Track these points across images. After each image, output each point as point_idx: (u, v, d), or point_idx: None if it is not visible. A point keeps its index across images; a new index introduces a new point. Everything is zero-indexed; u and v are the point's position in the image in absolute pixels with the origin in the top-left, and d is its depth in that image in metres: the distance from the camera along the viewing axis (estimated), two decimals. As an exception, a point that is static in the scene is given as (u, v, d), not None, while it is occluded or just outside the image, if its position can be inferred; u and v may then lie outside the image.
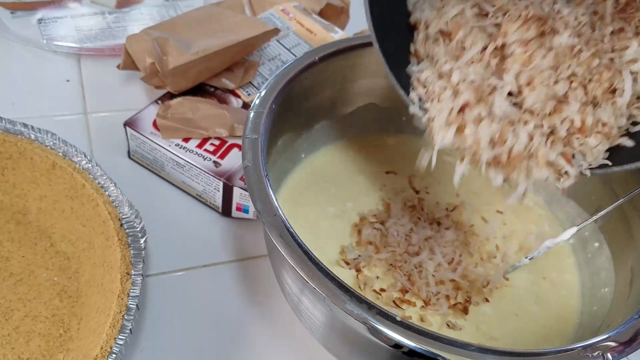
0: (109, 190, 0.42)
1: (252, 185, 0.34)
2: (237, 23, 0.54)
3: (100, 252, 0.41)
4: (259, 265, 0.47)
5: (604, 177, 0.44)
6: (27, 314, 0.39)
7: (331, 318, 0.34)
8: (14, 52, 0.59)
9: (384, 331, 0.29)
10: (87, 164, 0.43)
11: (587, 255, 0.45)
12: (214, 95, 0.53)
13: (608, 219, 0.43)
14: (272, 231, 0.32)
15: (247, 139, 0.37)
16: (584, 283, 0.45)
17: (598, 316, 0.40)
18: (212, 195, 0.48)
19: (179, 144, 0.48)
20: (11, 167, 0.44)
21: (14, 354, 0.37)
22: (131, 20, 0.63)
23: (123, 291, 0.37)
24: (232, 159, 0.48)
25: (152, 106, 0.51)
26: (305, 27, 0.60)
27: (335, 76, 0.46)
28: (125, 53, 0.51)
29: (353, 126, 0.50)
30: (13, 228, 0.43)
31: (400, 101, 0.50)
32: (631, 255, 0.40)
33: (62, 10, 0.62)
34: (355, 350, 0.35)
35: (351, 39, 0.46)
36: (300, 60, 0.43)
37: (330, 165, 0.49)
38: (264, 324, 0.44)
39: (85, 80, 0.58)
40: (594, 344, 0.31)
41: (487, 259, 0.45)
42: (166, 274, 0.45)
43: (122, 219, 0.41)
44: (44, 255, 0.42)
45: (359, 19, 0.69)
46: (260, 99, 0.39)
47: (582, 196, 0.46)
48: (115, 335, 0.35)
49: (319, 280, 0.30)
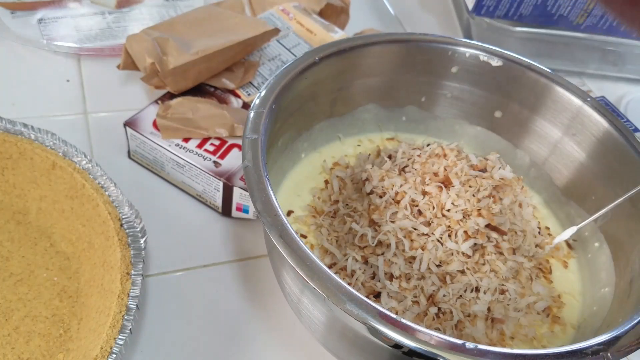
0: (109, 190, 0.42)
1: (252, 185, 0.34)
2: (237, 23, 0.54)
3: (100, 252, 0.41)
4: (259, 265, 0.47)
5: (603, 177, 0.45)
6: (27, 314, 0.39)
7: (331, 318, 0.34)
8: (14, 52, 0.59)
9: (384, 331, 0.29)
10: (87, 164, 0.43)
11: (587, 255, 0.45)
12: (214, 95, 0.53)
13: (608, 219, 0.43)
14: (272, 231, 0.32)
15: (247, 139, 0.37)
16: (584, 283, 0.44)
17: (598, 316, 0.40)
18: (212, 195, 0.48)
19: (179, 144, 0.48)
20: (11, 167, 0.44)
21: (14, 354, 0.37)
22: (131, 20, 0.63)
23: (123, 291, 0.37)
24: (232, 159, 0.48)
25: (152, 106, 0.51)
26: (305, 27, 0.60)
27: (335, 76, 0.46)
28: (125, 53, 0.51)
29: (353, 126, 0.51)
30: (13, 228, 0.43)
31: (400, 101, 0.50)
32: (631, 255, 0.40)
33: (62, 10, 0.62)
34: (355, 350, 0.35)
35: (351, 39, 0.46)
36: (300, 60, 0.43)
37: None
38: (264, 324, 0.44)
39: (85, 80, 0.58)
40: (594, 344, 0.31)
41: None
42: (166, 274, 0.45)
43: (122, 219, 0.41)
44: (44, 255, 0.42)
45: (359, 19, 0.70)
46: (260, 99, 0.39)
47: (582, 196, 0.46)
48: (115, 335, 0.35)
49: (319, 280, 0.30)
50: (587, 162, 0.46)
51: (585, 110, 0.45)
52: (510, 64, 0.47)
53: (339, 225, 0.43)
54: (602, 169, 0.45)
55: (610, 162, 0.44)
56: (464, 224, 0.40)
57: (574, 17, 0.65)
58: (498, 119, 0.50)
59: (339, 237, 0.42)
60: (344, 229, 0.42)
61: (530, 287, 0.41)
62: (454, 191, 0.41)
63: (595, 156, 0.45)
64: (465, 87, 0.49)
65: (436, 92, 0.50)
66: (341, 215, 0.43)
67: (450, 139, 0.51)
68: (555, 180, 0.48)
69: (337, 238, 0.42)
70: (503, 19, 0.66)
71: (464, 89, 0.49)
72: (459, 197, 0.41)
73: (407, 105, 0.51)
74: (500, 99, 0.49)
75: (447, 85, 0.49)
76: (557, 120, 0.47)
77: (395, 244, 0.39)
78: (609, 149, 0.44)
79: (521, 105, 0.48)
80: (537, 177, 0.50)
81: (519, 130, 0.49)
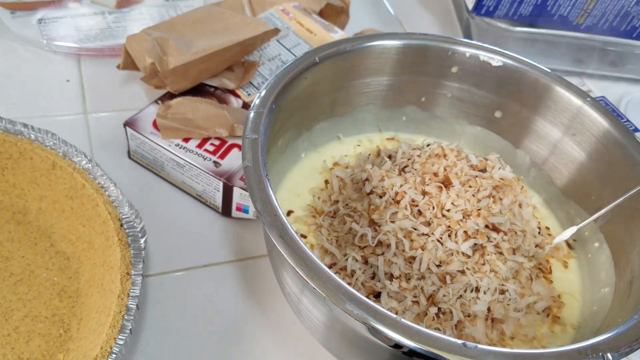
0: (109, 190, 0.42)
1: (252, 185, 0.34)
2: (237, 23, 0.54)
3: (100, 252, 0.41)
4: (259, 265, 0.47)
5: (603, 177, 0.45)
6: (27, 314, 0.39)
7: (331, 318, 0.34)
8: (14, 52, 0.59)
9: (384, 331, 0.29)
10: (87, 164, 0.43)
11: (587, 255, 0.45)
12: (214, 95, 0.53)
13: (608, 219, 0.43)
14: (272, 231, 0.32)
15: (247, 139, 0.37)
16: (584, 283, 0.45)
17: (598, 316, 0.40)
18: (212, 195, 0.48)
19: (179, 144, 0.48)
20: (11, 167, 0.44)
21: (14, 354, 0.37)
22: (131, 20, 0.63)
23: (123, 291, 0.37)
24: (232, 159, 0.48)
25: (152, 106, 0.51)
26: (305, 27, 0.60)
27: (335, 76, 0.46)
28: (125, 53, 0.51)
29: (353, 126, 0.51)
30: (13, 228, 0.43)
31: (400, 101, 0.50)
32: (631, 255, 0.40)
33: (62, 10, 0.62)
34: (355, 350, 0.35)
35: (351, 39, 0.46)
36: (300, 60, 0.43)
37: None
38: (264, 324, 0.44)
39: (85, 80, 0.58)
40: (594, 344, 0.31)
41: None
42: (166, 274, 0.45)
43: (122, 219, 0.41)
44: (44, 255, 0.42)
45: (359, 19, 0.70)
46: (260, 99, 0.39)
47: (582, 196, 0.46)
48: (115, 335, 0.35)
49: (319, 280, 0.30)
50: (587, 162, 0.46)
51: (585, 110, 0.45)
52: (510, 64, 0.47)
53: (339, 225, 0.43)
54: (602, 169, 0.45)
55: (610, 162, 0.44)
56: (464, 224, 0.40)
57: (574, 17, 0.65)
58: (498, 119, 0.50)
59: (339, 237, 0.42)
60: (344, 229, 0.42)
61: (530, 287, 0.41)
62: (454, 191, 0.41)
63: (595, 156, 0.45)
64: (465, 87, 0.49)
65: (436, 92, 0.50)
66: (341, 215, 0.43)
67: (450, 139, 0.51)
68: (555, 180, 0.48)
69: (337, 238, 0.42)
70: (503, 19, 0.66)
71: (464, 89, 0.49)
72: (459, 197, 0.41)
73: (407, 105, 0.51)
74: (500, 99, 0.49)
75: (447, 85, 0.49)
76: (557, 120, 0.47)
77: (395, 244, 0.39)
78: (609, 149, 0.44)
79: (521, 105, 0.48)
80: (537, 177, 0.50)
81: (519, 130, 0.49)
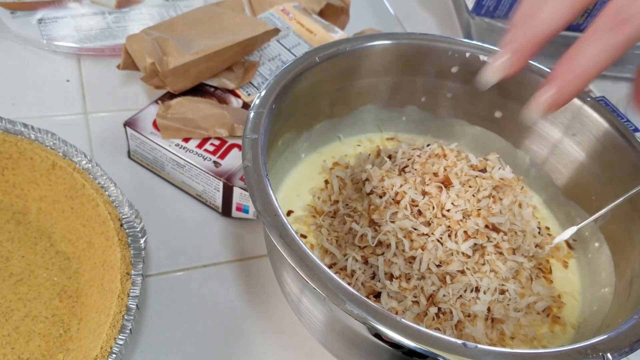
0: (109, 190, 0.42)
1: (252, 185, 0.34)
2: (237, 23, 0.54)
3: (100, 252, 0.41)
4: (259, 265, 0.47)
5: (603, 177, 0.45)
6: (27, 314, 0.39)
7: (331, 318, 0.34)
8: (14, 52, 0.59)
9: (384, 331, 0.29)
10: (87, 164, 0.43)
11: (587, 255, 0.45)
12: (214, 95, 0.53)
13: (608, 219, 0.43)
14: (272, 231, 0.32)
15: (247, 139, 0.37)
16: (584, 283, 0.45)
17: (598, 316, 0.40)
18: (212, 195, 0.48)
19: (179, 144, 0.48)
20: (11, 167, 0.44)
21: (14, 354, 0.37)
22: (131, 20, 0.63)
23: (123, 291, 0.37)
24: (232, 159, 0.48)
25: (152, 106, 0.51)
26: (305, 27, 0.60)
27: (335, 76, 0.46)
28: (125, 53, 0.51)
29: (353, 126, 0.51)
30: (13, 228, 0.43)
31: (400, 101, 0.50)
32: (631, 255, 0.40)
33: (62, 10, 0.62)
34: (355, 350, 0.35)
35: (351, 39, 0.46)
36: (300, 60, 0.43)
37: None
38: (264, 324, 0.44)
39: (85, 80, 0.58)
40: (594, 344, 0.31)
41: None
42: (166, 274, 0.45)
43: (122, 219, 0.41)
44: (44, 255, 0.42)
45: (359, 19, 0.70)
46: (260, 99, 0.39)
47: (582, 196, 0.46)
48: (115, 335, 0.35)
49: (319, 280, 0.30)
50: (587, 162, 0.46)
51: (585, 110, 0.45)
52: (510, 64, 0.47)
53: (339, 225, 0.43)
54: (602, 169, 0.45)
55: (610, 162, 0.44)
56: (464, 224, 0.40)
57: (574, 17, 0.65)
58: (498, 119, 0.50)
59: (339, 237, 0.42)
60: (344, 229, 0.42)
61: (530, 287, 0.41)
62: (454, 191, 0.41)
63: (595, 156, 0.45)
64: (465, 87, 0.49)
65: (436, 92, 0.50)
66: (341, 215, 0.43)
67: (450, 139, 0.51)
68: (555, 180, 0.48)
69: (337, 238, 0.42)
70: (503, 19, 0.66)
71: (464, 89, 0.49)
72: (458, 198, 0.41)
73: (407, 105, 0.51)
74: (500, 99, 0.49)
75: (447, 85, 0.49)
76: (557, 120, 0.47)
77: (395, 244, 0.39)
78: (609, 149, 0.44)
79: (521, 105, 0.48)
80: (537, 177, 0.50)
81: (519, 130, 0.49)
